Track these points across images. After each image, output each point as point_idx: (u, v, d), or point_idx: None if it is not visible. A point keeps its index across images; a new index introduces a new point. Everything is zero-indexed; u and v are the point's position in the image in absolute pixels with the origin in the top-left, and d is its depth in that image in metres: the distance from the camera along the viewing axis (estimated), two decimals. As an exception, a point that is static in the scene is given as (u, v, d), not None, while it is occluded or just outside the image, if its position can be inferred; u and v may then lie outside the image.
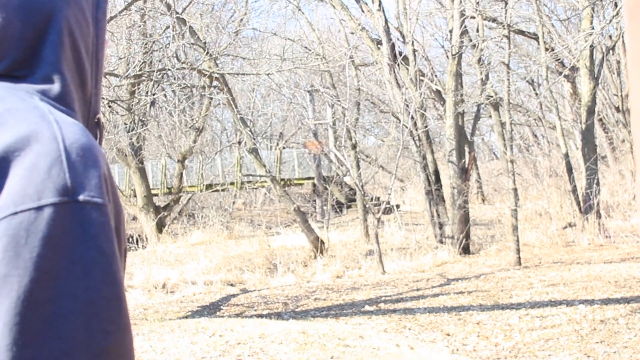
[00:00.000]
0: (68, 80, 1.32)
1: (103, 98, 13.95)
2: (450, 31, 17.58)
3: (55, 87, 1.29)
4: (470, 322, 9.19)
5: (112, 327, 1.06)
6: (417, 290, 12.33)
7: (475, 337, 8.34)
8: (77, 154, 1.12)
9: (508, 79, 15.21)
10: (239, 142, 26.00)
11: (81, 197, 1.07)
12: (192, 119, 25.28)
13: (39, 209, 1.04)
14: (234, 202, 32.87)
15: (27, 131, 1.12)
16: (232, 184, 27.53)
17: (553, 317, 8.85)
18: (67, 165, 1.09)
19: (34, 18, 1.30)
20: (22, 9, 1.29)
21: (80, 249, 1.05)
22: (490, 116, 24.77)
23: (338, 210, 28.09)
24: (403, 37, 18.91)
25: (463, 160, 17.30)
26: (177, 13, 14.49)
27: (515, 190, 14.76)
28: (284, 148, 31.55)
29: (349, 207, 28.12)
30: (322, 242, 17.85)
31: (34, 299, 1.00)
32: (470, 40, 18.96)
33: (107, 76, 13.63)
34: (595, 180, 17.20)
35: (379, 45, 18.55)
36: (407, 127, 16.40)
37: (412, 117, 16.73)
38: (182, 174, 26.57)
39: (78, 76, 1.36)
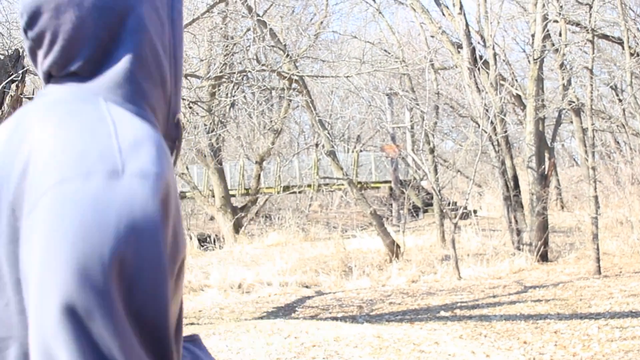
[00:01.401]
0: (140, 80, 1.35)
1: (184, 99, 14.14)
2: (532, 35, 17.35)
3: (123, 87, 1.32)
4: (548, 331, 9.06)
5: None
6: (494, 297, 12.20)
7: (552, 347, 8.21)
8: (129, 144, 1.16)
9: (591, 84, 14.93)
10: (317, 145, 26.07)
11: (128, 172, 1.11)
12: (271, 121, 25.46)
13: (87, 178, 1.09)
14: (310, 204, 33.01)
15: (84, 130, 1.18)
16: (309, 186, 27.59)
17: (634, 328, 8.66)
18: (119, 153, 1.14)
19: (106, 18, 1.33)
20: (96, 9, 1.32)
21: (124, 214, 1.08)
22: (572, 122, 24.34)
23: (414, 214, 27.99)
24: (484, 40, 18.74)
25: (543, 166, 17.05)
26: (258, 15, 14.62)
27: (596, 197, 14.49)
28: (361, 151, 31.53)
29: (425, 211, 27.98)
30: (398, 246, 17.80)
31: None
32: (553, 45, 18.65)
33: (189, 77, 13.82)
34: (680, 189, 16.79)
35: (459, 49, 18.40)
36: (486, 132, 16.24)
37: (492, 122, 16.56)
38: (259, 175, 26.77)
39: (158, 74, 1.39)
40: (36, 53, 1.37)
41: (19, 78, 8.61)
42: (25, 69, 8.66)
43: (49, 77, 1.38)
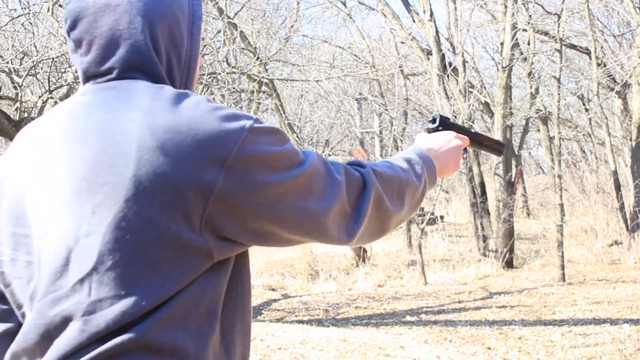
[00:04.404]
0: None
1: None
2: (501, 43, 17.47)
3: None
4: (512, 336, 9.13)
5: None
6: (459, 302, 12.27)
7: (516, 352, 8.28)
8: None
9: (558, 94, 15.07)
10: (285, 148, 25.94)
11: None
12: (240, 123, 25.31)
13: None
14: (278, 207, 32.83)
15: None
16: (277, 189, 27.40)
17: (596, 335, 8.75)
18: None
19: (136, 24, 1.53)
20: (127, 15, 1.53)
21: None
22: (539, 130, 24.56)
23: (382, 219, 27.98)
24: (453, 48, 18.82)
25: (509, 174, 17.17)
26: (228, 18, 14.58)
27: (561, 205, 14.61)
28: (329, 155, 31.52)
29: (392, 216, 27.99)
30: (365, 251, 17.81)
31: None
32: (521, 53, 18.81)
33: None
34: (644, 199, 16.97)
35: (428, 56, 18.49)
36: (454, 139, 16.26)
37: (460, 129, 16.60)
38: (228, 177, 26.59)
39: (169, 81, 1.58)
40: (77, 52, 1.55)
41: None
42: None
43: (87, 77, 1.56)
